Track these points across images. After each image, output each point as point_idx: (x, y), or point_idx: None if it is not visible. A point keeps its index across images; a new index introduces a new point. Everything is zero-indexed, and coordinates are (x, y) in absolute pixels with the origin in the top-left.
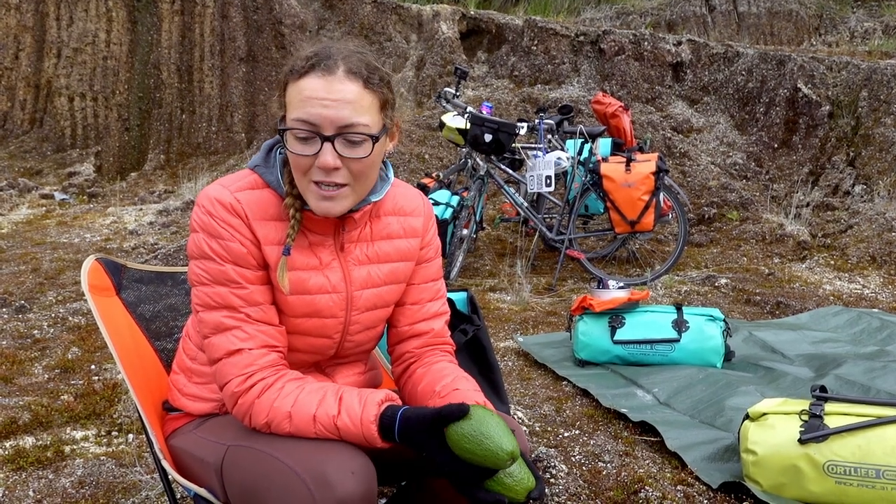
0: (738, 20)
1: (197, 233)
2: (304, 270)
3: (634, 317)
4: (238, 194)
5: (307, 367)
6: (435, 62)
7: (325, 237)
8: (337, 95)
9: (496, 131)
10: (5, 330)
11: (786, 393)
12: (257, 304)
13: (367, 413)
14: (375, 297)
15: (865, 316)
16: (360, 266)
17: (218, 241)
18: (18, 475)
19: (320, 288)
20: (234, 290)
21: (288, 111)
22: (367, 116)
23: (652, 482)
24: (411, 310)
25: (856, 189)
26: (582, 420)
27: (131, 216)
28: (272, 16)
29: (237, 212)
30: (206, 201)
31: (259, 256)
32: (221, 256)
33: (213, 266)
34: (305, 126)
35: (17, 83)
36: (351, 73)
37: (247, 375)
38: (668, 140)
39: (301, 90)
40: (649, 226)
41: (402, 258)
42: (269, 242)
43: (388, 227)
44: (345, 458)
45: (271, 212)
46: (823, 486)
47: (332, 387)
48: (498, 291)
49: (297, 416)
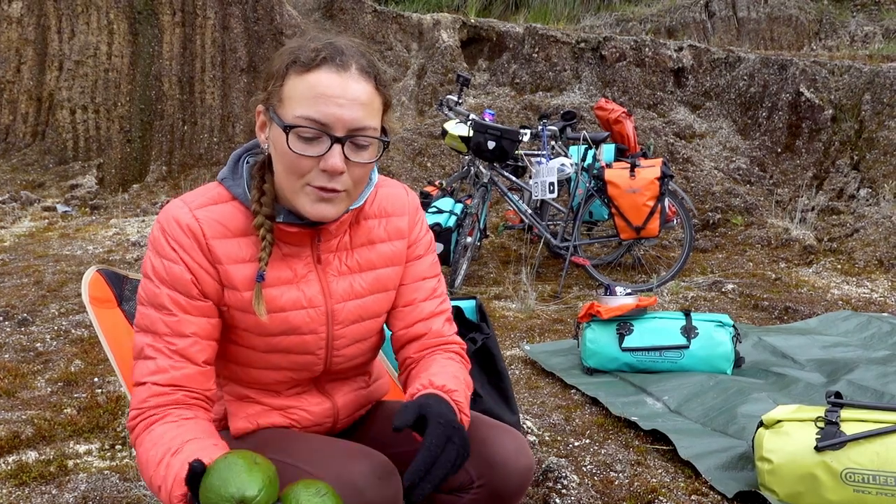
0: (737, 26)
1: (149, 249)
2: (275, 287)
3: (643, 323)
4: (198, 212)
5: (304, 385)
6: (436, 70)
7: (300, 248)
8: (352, 95)
9: (499, 138)
10: (8, 343)
11: (798, 399)
12: (182, 336)
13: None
14: (360, 308)
15: (875, 320)
16: (340, 277)
17: (162, 260)
18: (21, 490)
19: (294, 303)
20: (163, 316)
21: (288, 106)
22: (375, 119)
23: (665, 492)
24: (404, 312)
25: (861, 193)
26: (592, 429)
27: (134, 228)
28: (273, 26)
29: (192, 232)
30: (162, 218)
31: (210, 283)
32: (160, 278)
33: (149, 287)
34: (315, 126)
35: (19, 96)
36: (363, 71)
37: (139, 411)
38: (671, 146)
39: (312, 85)
40: (655, 231)
41: (386, 263)
42: (233, 261)
43: (369, 232)
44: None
45: (235, 226)
46: (841, 494)
47: (181, 441)
48: (503, 299)
49: (145, 470)
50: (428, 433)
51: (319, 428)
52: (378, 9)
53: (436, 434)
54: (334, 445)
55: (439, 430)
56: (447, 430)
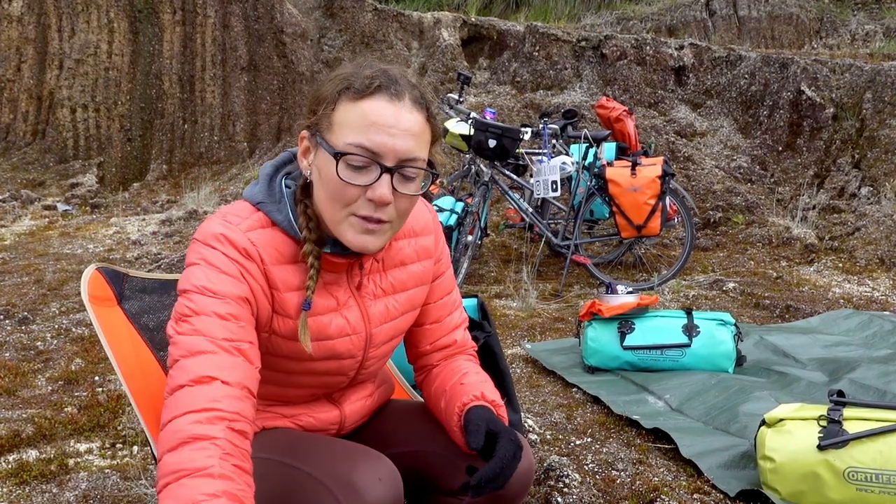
0: (738, 24)
1: (200, 265)
2: (323, 314)
3: (644, 322)
4: (250, 234)
5: (316, 398)
6: (437, 69)
7: (338, 275)
8: (405, 125)
9: (500, 137)
10: (8, 342)
11: (800, 398)
12: (245, 341)
13: None
14: (392, 328)
15: (877, 319)
16: (376, 300)
17: (220, 275)
18: (21, 489)
19: (340, 331)
20: (223, 322)
21: (339, 132)
22: (425, 151)
23: (667, 490)
24: (432, 329)
25: (862, 191)
26: (593, 427)
27: (134, 226)
28: (273, 25)
29: (250, 255)
30: (209, 234)
31: (265, 308)
32: (220, 292)
33: (201, 300)
34: (366, 154)
35: (20, 95)
36: (416, 102)
37: (215, 413)
38: (672, 144)
39: (365, 113)
40: (656, 230)
41: (417, 283)
42: (288, 288)
43: (400, 252)
44: (371, 465)
45: (286, 253)
46: (844, 493)
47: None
48: (504, 298)
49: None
50: (501, 446)
51: (324, 433)
52: (378, 7)
53: (506, 448)
54: (336, 446)
55: (511, 446)
56: (515, 445)
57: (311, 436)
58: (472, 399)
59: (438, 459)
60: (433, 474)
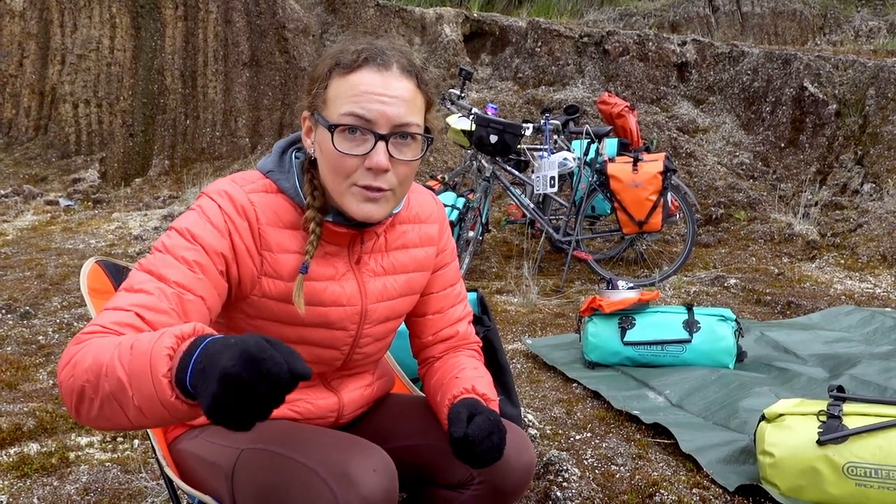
0: (741, 20)
1: (195, 212)
2: (318, 281)
3: (645, 318)
4: (253, 196)
5: (313, 379)
6: (439, 65)
7: (340, 248)
8: (394, 92)
9: (502, 132)
10: (10, 336)
11: (800, 394)
12: (193, 293)
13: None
14: (389, 309)
15: (879, 315)
16: (375, 278)
17: (207, 225)
18: (23, 482)
19: (335, 300)
20: (183, 267)
21: (333, 107)
22: (418, 116)
23: (667, 485)
24: (434, 319)
25: (864, 188)
26: (593, 422)
27: (136, 221)
28: (275, 20)
29: (246, 213)
30: (213, 191)
31: (248, 269)
32: (198, 239)
33: (179, 240)
34: (359, 122)
35: (22, 90)
36: (405, 70)
37: (103, 328)
38: (674, 140)
39: (355, 84)
40: (657, 226)
41: (417, 268)
42: (283, 250)
43: (403, 235)
44: (366, 456)
45: (286, 218)
46: (843, 488)
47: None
48: (505, 293)
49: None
50: (475, 422)
51: (323, 421)
52: (381, 3)
53: (480, 426)
54: (332, 437)
55: (486, 425)
56: (493, 425)
57: (305, 427)
58: (461, 392)
59: (437, 453)
60: (432, 468)
